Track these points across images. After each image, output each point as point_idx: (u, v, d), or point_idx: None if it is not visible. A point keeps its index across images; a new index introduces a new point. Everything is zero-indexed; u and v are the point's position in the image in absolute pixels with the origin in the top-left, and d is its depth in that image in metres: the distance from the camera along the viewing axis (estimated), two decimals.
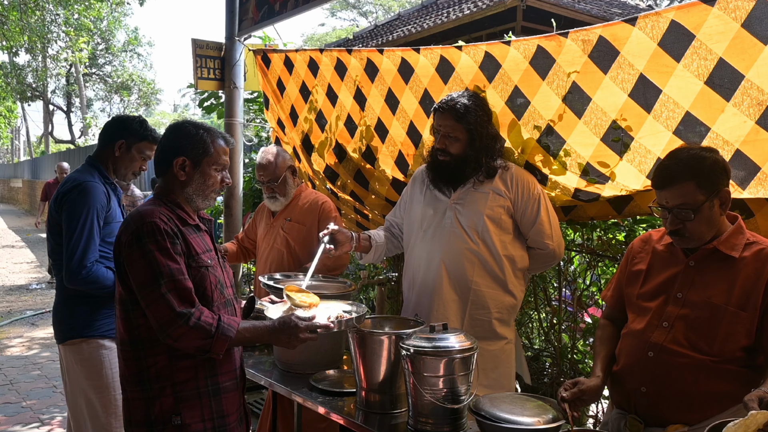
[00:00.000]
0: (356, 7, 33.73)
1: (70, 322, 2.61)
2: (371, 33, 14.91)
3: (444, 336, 1.93)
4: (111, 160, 2.71)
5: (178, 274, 1.82)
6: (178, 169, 1.95)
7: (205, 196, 2.01)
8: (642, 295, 1.98)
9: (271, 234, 3.28)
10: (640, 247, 2.07)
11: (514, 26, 9.88)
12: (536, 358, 3.48)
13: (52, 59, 23.35)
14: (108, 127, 2.77)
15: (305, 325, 1.91)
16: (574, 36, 2.42)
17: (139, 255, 1.81)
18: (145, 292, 1.81)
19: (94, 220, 2.54)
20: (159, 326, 1.79)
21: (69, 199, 2.55)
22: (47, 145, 33.54)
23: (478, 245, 2.53)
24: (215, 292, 1.94)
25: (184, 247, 1.88)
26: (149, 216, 1.85)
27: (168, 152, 1.98)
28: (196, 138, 1.97)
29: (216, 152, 2.00)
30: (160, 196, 1.98)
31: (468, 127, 2.49)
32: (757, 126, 2.03)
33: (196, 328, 1.78)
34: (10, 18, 14.50)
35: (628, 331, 2.00)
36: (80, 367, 2.62)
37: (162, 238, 1.82)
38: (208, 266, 1.94)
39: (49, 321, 7.44)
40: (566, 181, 2.63)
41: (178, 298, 1.79)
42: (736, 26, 2.00)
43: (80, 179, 2.59)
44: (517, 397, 1.93)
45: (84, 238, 2.50)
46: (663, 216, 1.87)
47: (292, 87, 3.83)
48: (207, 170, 1.98)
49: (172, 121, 2.93)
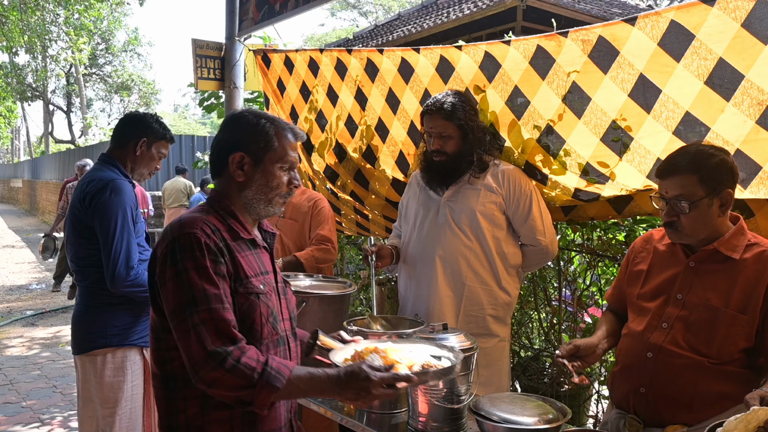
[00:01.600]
0: (356, 7, 33.74)
1: (94, 331, 2.46)
2: (371, 33, 14.90)
3: (444, 336, 1.93)
4: (130, 158, 2.60)
5: (215, 302, 1.46)
6: (235, 167, 1.62)
7: (268, 200, 1.65)
8: (642, 295, 1.98)
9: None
10: (642, 246, 2.07)
11: (514, 26, 9.88)
12: (536, 358, 3.48)
13: (52, 59, 23.35)
14: (126, 125, 2.65)
15: (380, 377, 1.45)
16: (573, 36, 2.42)
17: (172, 273, 1.48)
18: (176, 320, 1.46)
19: (129, 220, 2.44)
20: (190, 365, 1.44)
21: (101, 200, 2.41)
22: (47, 145, 33.55)
23: (472, 242, 2.56)
24: (266, 327, 1.57)
25: (230, 268, 1.53)
26: (189, 226, 1.52)
27: (223, 147, 1.64)
28: (256, 129, 1.62)
29: (282, 147, 1.64)
30: (212, 202, 1.65)
31: (459, 123, 2.53)
32: (758, 126, 2.03)
33: (233, 372, 1.41)
34: (10, 18, 14.50)
35: (627, 332, 2.00)
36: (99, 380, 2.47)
37: (201, 255, 1.48)
38: (259, 293, 1.57)
39: (49, 321, 7.46)
40: (566, 181, 2.63)
41: (213, 331, 1.43)
42: (736, 26, 2.00)
43: (108, 178, 2.47)
44: (517, 397, 1.93)
45: (125, 240, 2.39)
46: (660, 207, 1.88)
47: (293, 87, 3.83)
48: (270, 169, 1.63)
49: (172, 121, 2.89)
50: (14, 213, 25.73)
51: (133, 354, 2.51)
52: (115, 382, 2.48)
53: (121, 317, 2.47)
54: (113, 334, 2.45)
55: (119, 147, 2.61)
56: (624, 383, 1.94)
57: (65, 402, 4.74)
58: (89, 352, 2.47)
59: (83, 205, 2.44)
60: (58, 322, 7.59)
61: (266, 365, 1.44)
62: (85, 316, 2.50)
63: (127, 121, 2.68)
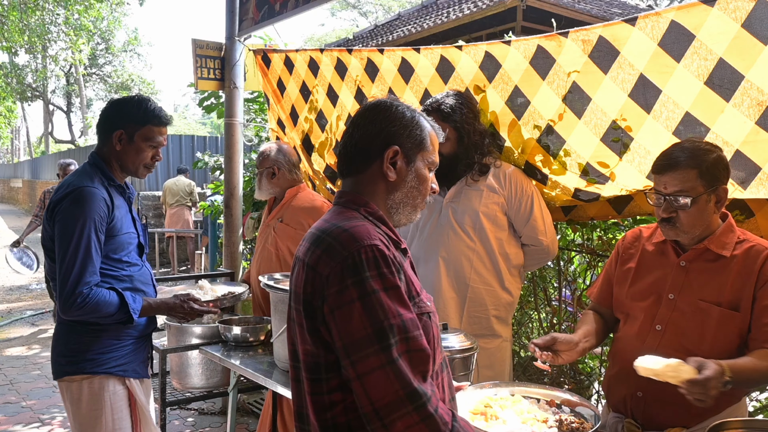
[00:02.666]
0: (356, 7, 33.74)
1: (69, 355, 2.18)
2: (371, 33, 14.91)
3: (444, 336, 1.93)
4: (113, 155, 2.25)
5: (413, 329, 1.23)
6: (387, 164, 1.38)
7: (414, 206, 1.45)
8: (631, 294, 1.95)
9: (264, 233, 3.32)
10: (630, 243, 2.03)
11: (514, 26, 9.88)
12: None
13: (52, 59, 23.37)
14: (103, 117, 2.28)
15: None
16: (574, 36, 2.42)
17: (354, 295, 1.21)
18: (360, 353, 1.19)
19: (92, 234, 2.09)
20: (373, 409, 1.17)
21: (61, 209, 2.11)
22: (47, 145, 33.58)
23: (475, 243, 2.56)
24: (437, 351, 1.34)
25: (405, 286, 1.29)
26: (367, 237, 1.26)
27: (372, 139, 1.39)
28: (412, 122, 1.41)
29: (432, 145, 1.45)
30: (353, 205, 1.38)
31: (455, 125, 2.52)
32: (757, 126, 2.03)
33: (428, 422, 1.17)
34: (10, 18, 14.51)
35: (621, 335, 1.97)
36: (75, 409, 2.20)
37: (389, 272, 1.24)
38: (430, 312, 1.35)
39: (49, 321, 7.47)
40: (566, 181, 2.63)
41: (411, 365, 1.20)
42: (736, 26, 2.00)
43: (76, 184, 2.15)
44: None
45: (80, 258, 2.06)
46: (657, 203, 1.83)
47: (293, 87, 3.84)
48: (421, 169, 1.43)
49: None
50: (14, 213, 25.72)
51: (113, 384, 2.20)
52: (92, 415, 2.18)
53: (101, 340, 2.18)
54: (89, 359, 2.16)
55: (102, 143, 2.27)
56: (620, 387, 1.92)
57: None
58: (64, 377, 2.20)
59: (49, 214, 2.16)
60: None
61: (454, 420, 1.22)
62: (61, 336, 2.22)
63: (103, 111, 2.30)
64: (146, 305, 2.25)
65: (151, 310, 2.29)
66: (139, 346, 2.31)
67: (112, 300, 2.11)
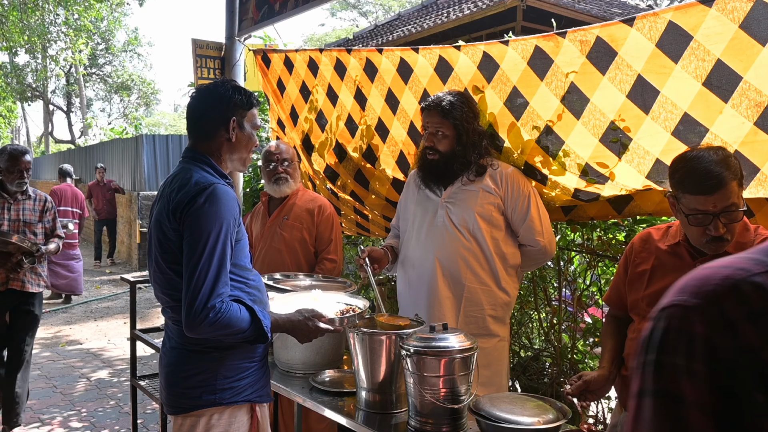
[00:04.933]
0: (356, 7, 33.72)
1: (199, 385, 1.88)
2: (371, 33, 14.91)
3: (444, 336, 1.93)
4: (224, 149, 1.98)
5: None
6: None
7: None
8: (648, 297, 1.94)
9: (268, 234, 3.30)
10: (641, 246, 2.03)
11: (514, 26, 9.89)
12: (536, 358, 3.49)
13: (52, 59, 23.35)
14: (206, 110, 1.99)
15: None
16: (572, 36, 2.42)
17: None
18: None
19: (228, 239, 1.83)
20: None
21: (194, 209, 1.81)
22: (47, 145, 33.53)
23: (471, 243, 2.57)
24: None
25: None
26: None
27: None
28: None
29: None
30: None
31: (454, 122, 2.53)
32: (756, 127, 2.03)
33: None
34: (10, 18, 14.51)
35: (636, 336, 1.97)
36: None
37: None
38: None
39: (49, 321, 7.47)
40: (566, 182, 2.64)
41: None
42: (734, 27, 2.00)
43: (205, 181, 1.86)
44: (517, 397, 1.94)
45: (214, 266, 1.78)
46: (701, 223, 1.75)
47: (292, 87, 3.84)
48: None
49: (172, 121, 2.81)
50: None
51: (242, 414, 1.93)
52: None
53: (228, 363, 1.89)
54: (226, 387, 1.87)
55: (205, 137, 1.98)
56: None
57: (65, 402, 4.74)
58: (191, 412, 1.88)
59: (174, 218, 1.84)
60: (58, 322, 7.60)
61: None
62: (182, 362, 1.90)
63: (201, 102, 2.01)
64: (274, 322, 1.94)
65: (278, 328, 1.96)
66: (264, 365, 2.05)
67: (243, 316, 1.82)
